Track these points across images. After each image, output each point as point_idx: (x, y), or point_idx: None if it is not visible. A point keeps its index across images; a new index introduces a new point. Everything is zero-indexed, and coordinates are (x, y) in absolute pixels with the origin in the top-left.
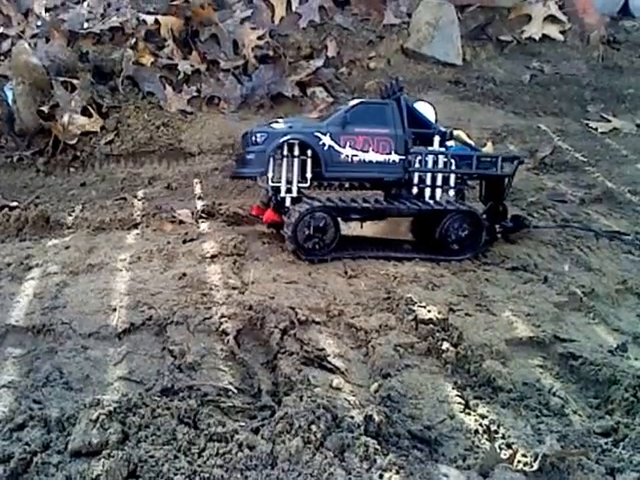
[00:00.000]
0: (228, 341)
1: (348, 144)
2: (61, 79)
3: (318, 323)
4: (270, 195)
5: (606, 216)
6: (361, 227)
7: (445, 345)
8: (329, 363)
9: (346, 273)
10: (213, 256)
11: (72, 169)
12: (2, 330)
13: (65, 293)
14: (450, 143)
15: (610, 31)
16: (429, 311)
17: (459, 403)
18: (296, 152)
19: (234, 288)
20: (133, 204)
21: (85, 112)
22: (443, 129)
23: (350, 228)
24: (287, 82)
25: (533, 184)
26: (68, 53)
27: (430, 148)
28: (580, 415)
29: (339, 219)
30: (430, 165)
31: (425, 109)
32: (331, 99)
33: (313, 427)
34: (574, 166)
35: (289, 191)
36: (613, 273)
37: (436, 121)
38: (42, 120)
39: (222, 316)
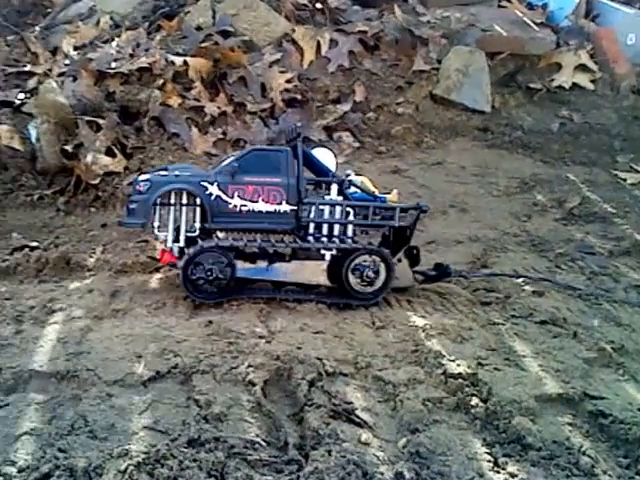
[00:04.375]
0: (255, 392)
1: (237, 194)
2: (87, 118)
3: (345, 375)
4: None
5: (635, 269)
6: (266, 269)
7: (474, 400)
8: (357, 417)
9: (373, 324)
10: (239, 303)
11: (93, 209)
12: (25, 375)
13: (89, 338)
14: (354, 190)
15: None
16: (458, 365)
17: (488, 461)
18: (184, 200)
19: (261, 337)
20: (155, 247)
21: (109, 152)
22: (342, 177)
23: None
24: (314, 126)
25: (561, 235)
26: (95, 92)
27: (327, 197)
28: (610, 475)
29: (237, 260)
30: (326, 215)
31: (325, 156)
32: (357, 144)
33: None
34: (603, 217)
35: (176, 240)
36: None
37: (336, 169)
38: (65, 159)
39: (249, 366)
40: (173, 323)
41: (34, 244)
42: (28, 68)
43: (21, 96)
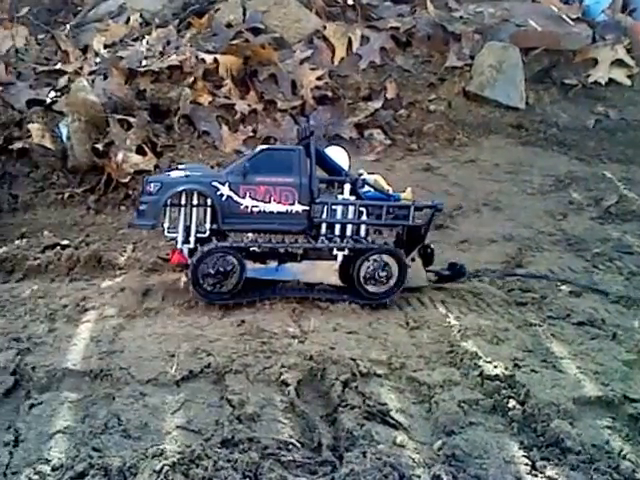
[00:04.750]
0: (288, 392)
1: (248, 194)
2: (117, 117)
3: (379, 376)
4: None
5: None
6: (276, 270)
7: (511, 403)
8: (392, 418)
9: (407, 324)
10: (272, 303)
11: (123, 208)
12: (59, 374)
13: (122, 337)
14: (368, 189)
15: None
16: (495, 366)
17: (526, 464)
18: (195, 201)
19: (294, 337)
20: None
21: (139, 150)
22: (355, 176)
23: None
24: (345, 124)
25: (598, 234)
26: (126, 91)
27: (340, 197)
28: None
29: (248, 260)
30: (339, 215)
31: (338, 154)
32: (389, 141)
33: None
34: None
35: (187, 242)
36: None
37: (349, 167)
38: (96, 157)
39: (282, 366)
40: (205, 322)
41: (65, 242)
42: (59, 66)
43: (52, 94)
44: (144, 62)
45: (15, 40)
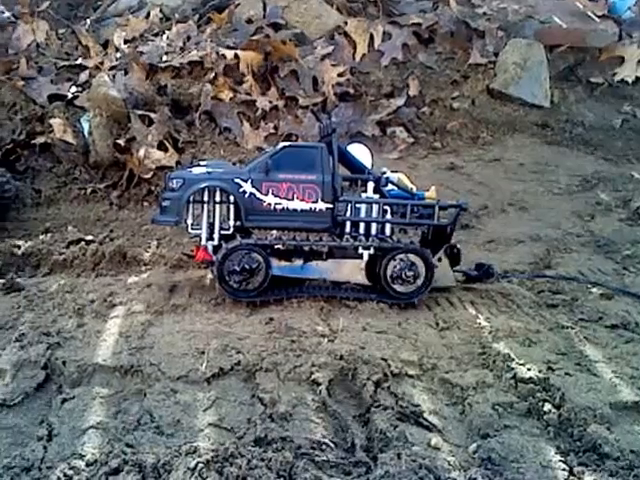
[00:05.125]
0: (320, 391)
1: (271, 191)
2: (139, 112)
3: (411, 377)
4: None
5: None
6: (301, 268)
7: (547, 406)
8: (425, 420)
9: (437, 325)
10: (299, 301)
11: (146, 204)
12: (89, 369)
13: (151, 333)
14: (391, 187)
15: None
16: (528, 369)
17: (563, 469)
18: (217, 198)
19: (323, 335)
20: None
21: (161, 146)
22: (378, 174)
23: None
24: (367, 121)
25: (627, 236)
26: (146, 86)
27: (363, 195)
28: None
29: (273, 258)
30: (363, 214)
31: (360, 152)
32: (412, 140)
33: None
34: None
35: (210, 239)
36: None
37: (372, 165)
38: (118, 153)
39: (312, 365)
40: (233, 320)
41: (89, 238)
42: (80, 61)
43: (73, 89)
44: (165, 57)
45: (36, 35)
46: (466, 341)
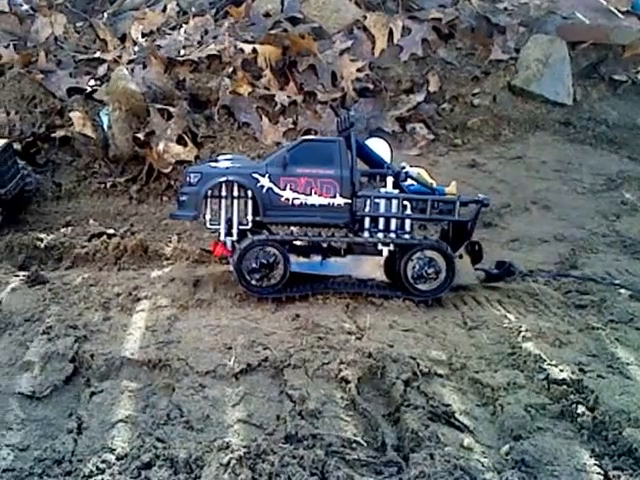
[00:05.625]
0: (349, 389)
1: (289, 186)
2: (158, 106)
3: (441, 376)
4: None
5: None
6: (320, 264)
7: (580, 409)
8: (457, 420)
9: (465, 324)
10: (325, 297)
11: (165, 198)
12: (117, 363)
13: (177, 328)
14: (411, 182)
15: None
16: (561, 370)
17: (598, 473)
18: (235, 193)
19: (350, 333)
20: None
21: (180, 141)
22: (397, 169)
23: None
24: (387, 117)
25: None
26: (165, 80)
27: (382, 190)
28: None
29: (291, 254)
30: (382, 209)
31: (379, 146)
32: (432, 136)
33: None
34: None
35: (229, 234)
36: None
37: (391, 160)
38: (137, 147)
39: (341, 362)
40: (259, 315)
41: (111, 231)
42: (98, 55)
43: (92, 83)
44: (182, 51)
45: (54, 28)
46: (495, 341)
